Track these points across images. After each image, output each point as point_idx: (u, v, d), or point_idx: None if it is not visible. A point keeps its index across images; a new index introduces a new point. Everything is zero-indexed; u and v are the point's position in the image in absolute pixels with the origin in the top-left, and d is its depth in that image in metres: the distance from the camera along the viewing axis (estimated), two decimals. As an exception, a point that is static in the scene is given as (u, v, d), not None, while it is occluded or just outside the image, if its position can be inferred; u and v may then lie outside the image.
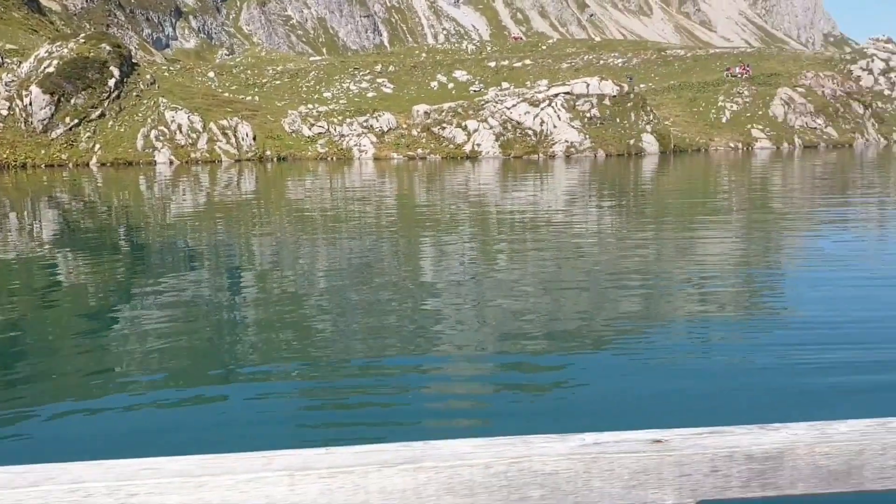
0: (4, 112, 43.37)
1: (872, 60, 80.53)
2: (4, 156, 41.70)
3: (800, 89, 67.14)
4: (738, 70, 73.65)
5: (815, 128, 64.64)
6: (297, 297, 10.04)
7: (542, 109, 51.93)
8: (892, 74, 78.89)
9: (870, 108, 71.71)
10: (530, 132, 51.24)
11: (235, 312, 9.37)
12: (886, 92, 77.36)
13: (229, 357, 7.39)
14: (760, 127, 62.01)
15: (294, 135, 52.11)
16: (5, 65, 48.50)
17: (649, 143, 52.13)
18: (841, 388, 6.05)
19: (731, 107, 64.24)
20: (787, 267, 12.73)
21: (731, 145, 58.69)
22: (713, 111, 64.12)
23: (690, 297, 9.77)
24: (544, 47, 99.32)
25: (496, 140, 50.84)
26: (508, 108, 52.44)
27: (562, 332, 8.00)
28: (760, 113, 63.67)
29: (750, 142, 59.74)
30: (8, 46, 57.29)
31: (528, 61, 79.10)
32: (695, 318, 8.69)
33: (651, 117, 54.41)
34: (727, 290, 10.50)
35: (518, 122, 51.63)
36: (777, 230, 16.78)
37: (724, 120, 63.07)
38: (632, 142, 51.75)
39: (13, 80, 45.22)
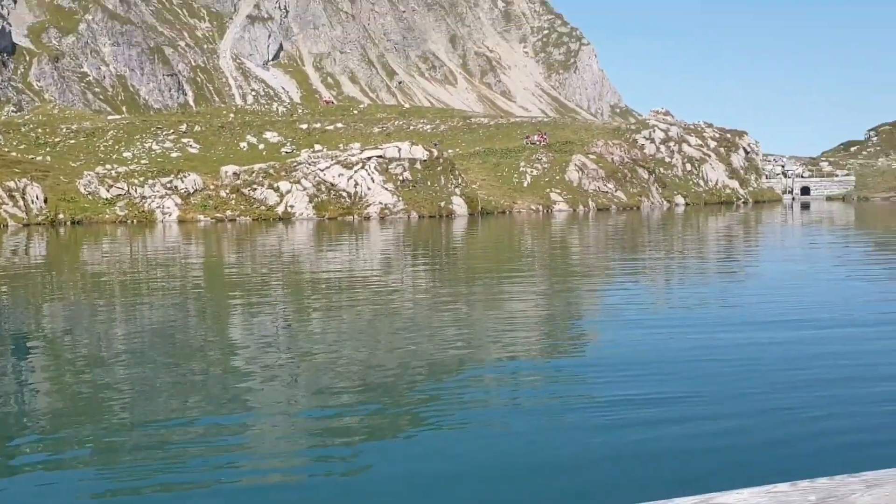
0: None
1: (654, 131, 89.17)
2: None
3: (592, 156, 72.78)
4: (536, 138, 78.72)
5: (607, 192, 70.10)
6: (97, 362, 9.46)
7: (355, 172, 52.50)
8: (671, 143, 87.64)
9: (654, 174, 79.00)
10: (344, 194, 51.54)
11: (31, 380, 8.83)
12: (667, 159, 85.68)
13: (27, 428, 6.88)
14: (558, 191, 66.35)
15: (90, 197, 48.98)
16: None
17: (459, 205, 54.13)
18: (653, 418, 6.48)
19: (532, 172, 68.32)
20: (586, 316, 13.59)
21: (533, 208, 62.21)
22: (515, 176, 67.85)
23: (498, 348, 10.13)
24: (356, 112, 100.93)
25: (310, 201, 50.62)
26: (322, 170, 52.53)
27: (371, 385, 8.02)
28: (558, 178, 68.19)
29: (549, 204, 63.67)
30: None
31: (339, 125, 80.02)
32: (504, 365, 9.01)
33: (460, 181, 56.64)
34: (531, 340, 11.04)
35: (332, 184, 51.80)
36: (573, 284, 17.88)
37: (525, 184, 66.85)
38: (442, 204, 53.48)
39: None
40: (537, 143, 76.82)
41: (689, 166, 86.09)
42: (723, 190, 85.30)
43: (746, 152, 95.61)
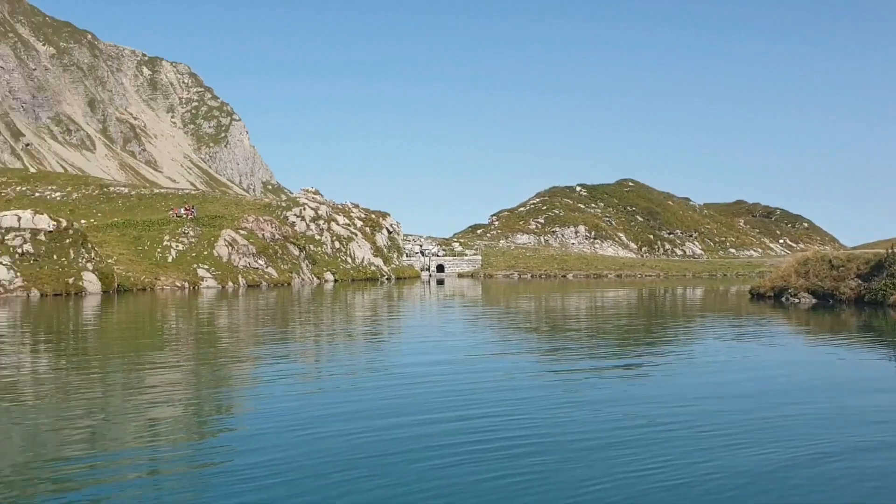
0: None
1: (304, 208, 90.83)
2: None
3: (242, 231, 71.55)
4: (182, 210, 75.49)
5: (258, 268, 69.16)
6: None
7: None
8: (321, 221, 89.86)
9: (304, 251, 79.97)
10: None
11: None
12: (317, 236, 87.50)
13: None
14: (206, 266, 63.83)
15: None
16: None
17: (91, 281, 49.13)
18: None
19: (178, 246, 65.02)
20: (233, 392, 12.84)
21: (178, 284, 58.95)
22: (159, 250, 63.99)
23: (137, 432, 8.99)
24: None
25: None
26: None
27: None
28: (206, 253, 65.69)
29: (196, 281, 60.86)
30: None
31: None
32: (142, 447, 7.88)
33: (93, 255, 51.65)
34: (177, 419, 10.06)
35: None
36: (220, 362, 16.85)
37: (170, 259, 63.31)
38: (71, 280, 48.12)
39: None
40: (184, 216, 73.65)
41: (337, 244, 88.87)
42: (368, 267, 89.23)
43: (389, 232, 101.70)
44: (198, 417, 11.26)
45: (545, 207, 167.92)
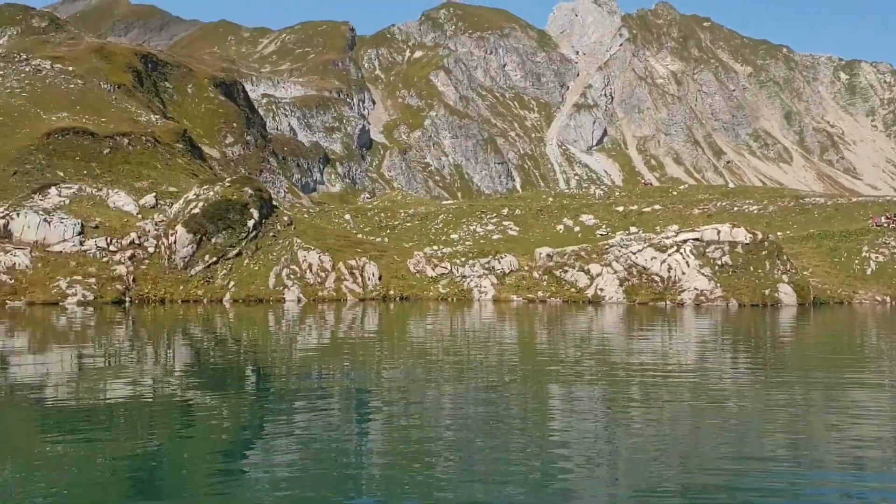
0: (151, 249, 46.71)
1: None
2: (146, 290, 44.49)
3: (957, 240, 62.29)
4: (883, 219, 69.64)
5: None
6: (421, 437, 10.10)
7: (669, 255, 50.50)
8: None
9: None
10: (657, 278, 49.71)
11: (359, 449, 9.70)
12: None
13: (352, 490, 7.74)
14: (913, 279, 57.53)
15: (418, 275, 52.98)
16: (158, 206, 52.75)
17: (786, 293, 49.19)
18: None
19: (877, 258, 60.25)
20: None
21: (878, 298, 54.55)
22: (857, 262, 60.30)
23: (839, 452, 8.85)
24: (675, 193, 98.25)
25: (620, 285, 49.59)
26: (634, 253, 51.38)
27: (696, 488, 7.25)
28: (912, 264, 59.24)
29: (903, 295, 55.39)
30: (170, 189, 62.67)
31: (657, 206, 78.25)
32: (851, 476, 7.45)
33: (788, 266, 51.68)
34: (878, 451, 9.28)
35: (644, 268, 50.33)
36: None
37: (868, 271, 59.07)
38: (767, 291, 49.05)
39: (163, 220, 48.95)
40: (885, 224, 67.87)
41: None
42: None
43: None
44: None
45: None
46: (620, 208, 77.90)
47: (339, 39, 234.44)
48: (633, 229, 65.22)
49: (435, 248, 59.26)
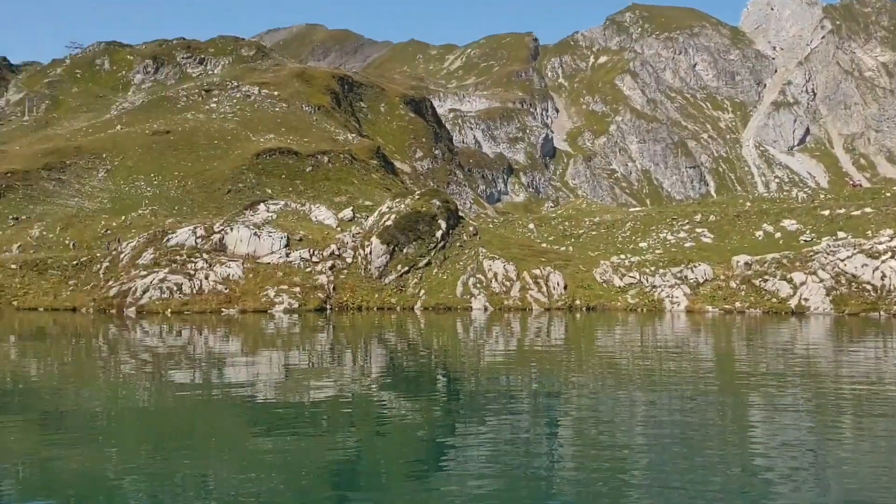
0: (349, 259, 49.53)
1: None
2: (345, 298, 47.20)
3: None
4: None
5: None
6: (612, 444, 10.14)
7: (882, 262, 46.14)
8: None
9: None
10: (869, 287, 45.58)
11: (549, 453, 9.85)
12: None
13: (542, 492, 7.86)
14: None
15: (605, 285, 52.09)
16: (355, 219, 55.85)
17: None
18: None
19: None
20: None
21: None
22: None
23: None
24: (888, 194, 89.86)
25: (827, 294, 45.97)
26: (842, 260, 47.47)
27: None
28: None
29: None
30: (365, 202, 66.25)
31: (868, 209, 71.82)
32: None
33: None
34: None
35: (854, 276, 46.34)
36: None
37: None
38: None
39: (359, 233, 51.79)
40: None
41: None
42: None
43: None
44: None
45: None
46: (826, 212, 72.24)
47: (522, 50, 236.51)
48: (840, 234, 60.27)
49: (622, 256, 57.99)
